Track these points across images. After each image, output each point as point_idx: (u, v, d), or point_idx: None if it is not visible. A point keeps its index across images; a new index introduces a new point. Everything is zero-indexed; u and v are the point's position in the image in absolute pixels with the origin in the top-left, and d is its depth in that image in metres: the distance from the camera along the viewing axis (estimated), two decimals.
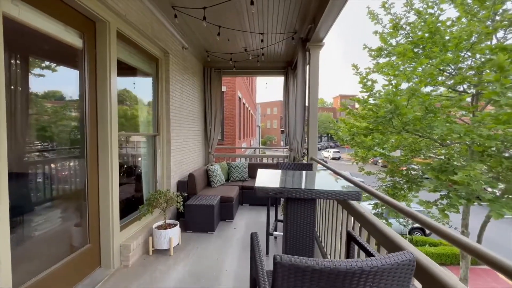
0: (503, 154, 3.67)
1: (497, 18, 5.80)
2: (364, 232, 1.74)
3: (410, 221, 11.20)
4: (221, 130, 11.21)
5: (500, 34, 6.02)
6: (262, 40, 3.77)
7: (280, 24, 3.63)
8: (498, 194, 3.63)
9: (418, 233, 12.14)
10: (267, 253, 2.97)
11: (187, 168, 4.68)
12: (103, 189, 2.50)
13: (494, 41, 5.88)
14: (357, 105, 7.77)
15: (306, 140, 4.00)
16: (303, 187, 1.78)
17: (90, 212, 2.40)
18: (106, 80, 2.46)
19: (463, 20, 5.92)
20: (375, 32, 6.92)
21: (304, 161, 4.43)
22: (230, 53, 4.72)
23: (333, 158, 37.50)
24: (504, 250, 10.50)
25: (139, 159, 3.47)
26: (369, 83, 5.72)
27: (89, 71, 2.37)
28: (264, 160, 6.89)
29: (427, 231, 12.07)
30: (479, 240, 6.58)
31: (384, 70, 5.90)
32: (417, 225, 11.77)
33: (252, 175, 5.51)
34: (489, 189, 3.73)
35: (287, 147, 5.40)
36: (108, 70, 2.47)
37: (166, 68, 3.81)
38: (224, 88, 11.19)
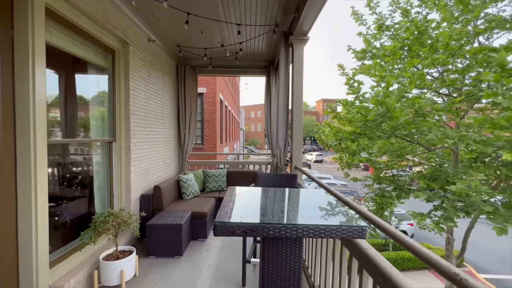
0: (499, 160, 3.47)
1: (479, 22, 5.77)
2: (367, 277, 1.30)
3: (393, 225, 11.18)
4: (201, 134, 10.59)
5: (480, 38, 6.02)
6: (239, 32, 3.30)
7: (259, 13, 3.18)
8: (499, 205, 3.40)
9: None
10: (244, 284, 2.46)
11: (154, 178, 4.07)
12: (23, 214, 1.88)
13: (476, 45, 5.84)
14: (339, 109, 7.51)
15: (290, 146, 3.56)
16: (285, 215, 1.30)
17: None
18: (27, 71, 1.86)
19: (444, 24, 5.85)
20: (359, 34, 6.71)
21: (288, 170, 3.99)
22: (204, 48, 4.20)
23: (316, 161, 37.76)
24: (487, 253, 10.74)
25: (89, 170, 2.84)
26: (356, 84, 5.44)
27: (1, 58, 1.76)
28: (249, 167, 6.39)
29: (410, 235, 12.14)
30: (464, 246, 6.49)
31: (371, 71, 5.65)
32: (401, 228, 11.82)
33: (232, 184, 4.99)
34: (484, 199, 3.50)
35: (270, 152, 4.95)
36: (31, 58, 1.87)
37: (125, 61, 3.22)
38: (204, 90, 10.61)
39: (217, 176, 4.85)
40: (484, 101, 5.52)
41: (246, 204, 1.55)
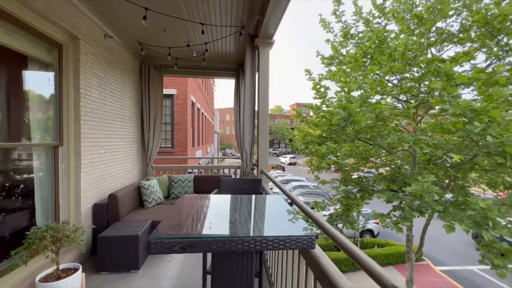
0: (446, 162, 3.79)
1: (431, 35, 6.30)
2: None
3: (361, 225, 11.74)
4: (171, 137, 10.16)
5: (433, 50, 6.58)
6: (202, 32, 3.18)
7: (224, 14, 3.10)
8: (448, 205, 3.70)
9: (368, 235, 12.79)
10: None
11: (112, 186, 3.74)
12: None
13: (429, 55, 6.37)
14: (311, 113, 7.73)
15: (256, 150, 3.50)
16: (251, 226, 1.21)
17: None
18: None
19: (402, 36, 6.31)
20: (327, 41, 6.95)
21: (255, 173, 3.92)
22: (168, 47, 4.00)
23: (290, 164, 38.53)
24: (443, 246, 11.71)
25: (28, 179, 2.49)
26: (322, 89, 5.61)
27: None
28: (220, 171, 6.20)
29: (375, 233, 12.82)
30: (421, 242, 6.96)
31: (336, 77, 5.87)
32: (367, 228, 12.44)
33: (200, 189, 4.79)
34: (435, 198, 3.78)
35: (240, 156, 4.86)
36: None
37: (75, 57, 2.91)
38: (174, 91, 10.22)
39: (183, 181, 4.63)
40: (437, 107, 6.03)
41: (203, 213, 1.43)
